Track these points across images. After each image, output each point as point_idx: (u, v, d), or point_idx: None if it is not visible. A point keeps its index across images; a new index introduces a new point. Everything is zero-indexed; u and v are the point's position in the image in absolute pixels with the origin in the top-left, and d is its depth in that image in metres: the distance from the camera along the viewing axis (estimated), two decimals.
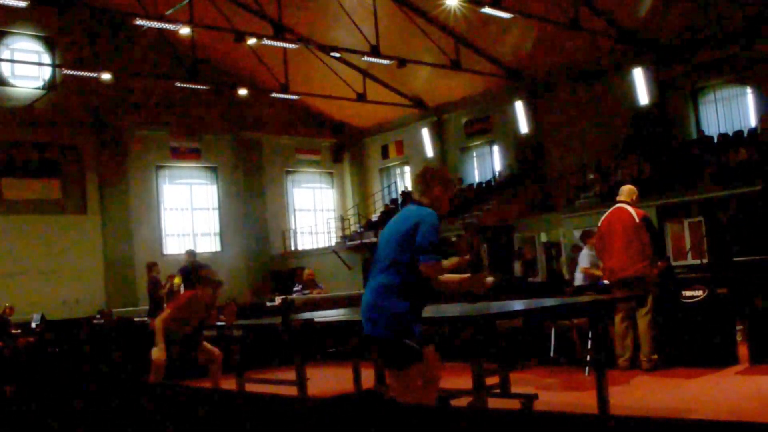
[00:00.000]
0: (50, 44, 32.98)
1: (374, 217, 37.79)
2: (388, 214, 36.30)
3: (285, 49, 29.36)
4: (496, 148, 35.08)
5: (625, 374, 10.22)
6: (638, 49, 27.93)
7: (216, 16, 26.91)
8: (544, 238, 27.89)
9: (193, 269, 16.86)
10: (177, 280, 17.45)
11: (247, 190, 37.93)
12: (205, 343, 10.13)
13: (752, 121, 26.13)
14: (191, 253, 19.19)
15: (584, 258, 13.59)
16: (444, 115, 36.38)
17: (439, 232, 5.84)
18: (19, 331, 20.81)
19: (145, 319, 18.94)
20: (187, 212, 36.82)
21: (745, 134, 25.54)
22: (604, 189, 25.36)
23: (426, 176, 6.21)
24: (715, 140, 25.91)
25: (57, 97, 32.57)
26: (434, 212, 5.90)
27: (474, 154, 36.33)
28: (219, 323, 9.83)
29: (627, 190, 11.17)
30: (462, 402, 7.03)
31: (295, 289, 18.35)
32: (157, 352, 9.65)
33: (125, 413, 4.04)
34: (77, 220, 32.76)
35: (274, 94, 32.76)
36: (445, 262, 6.04)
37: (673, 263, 19.29)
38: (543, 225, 28.01)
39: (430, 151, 36.54)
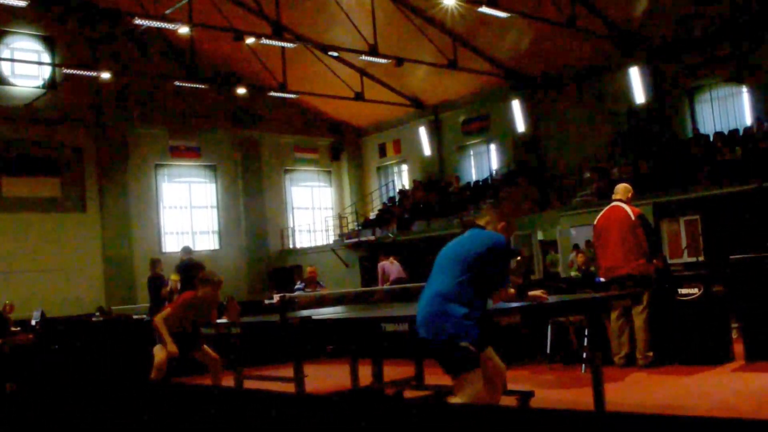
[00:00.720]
0: (50, 43, 32.99)
1: (372, 216, 37.86)
2: (385, 212, 36.38)
3: (283, 48, 29.40)
4: (493, 147, 35.15)
5: (621, 371, 10.25)
6: (634, 48, 28.00)
7: (215, 15, 26.93)
8: (540, 236, 27.94)
9: (191, 267, 16.81)
10: (174, 277, 17.40)
11: (245, 188, 38.00)
12: (205, 346, 10.13)
13: (748, 120, 26.22)
14: (187, 250, 19.12)
15: None
16: (441, 114, 36.46)
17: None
18: (18, 328, 20.86)
19: (144, 316, 18.95)
20: (186, 210, 36.85)
21: (741, 133, 25.60)
22: (600, 187, 25.43)
23: (500, 211, 6.62)
24: (711, 139, 25.97)
25: (57, 96, 32.57)
26: (504, 239, 6.27)
27: (471, 152, 36.37)
28: (220, 320, 9.82)
29: (622, 189, 11.23)
30: None
31: (297, 286, 18.40)
32: (163, 351, 9.67)
33: (123, 410, 4.07)
34: (77, 218, 32.80)
35: (273, 93, 32.78)
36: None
37: (669, 261, 19.33)
38: (539, 223, 28.06)
39: (427, 150, 36.61)
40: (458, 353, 5.72)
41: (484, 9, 24.53)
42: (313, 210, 41.00)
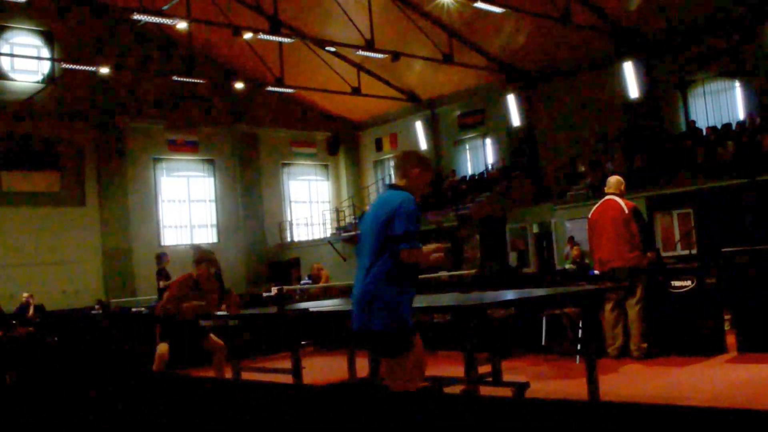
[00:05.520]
0: (49, 39, 32.95)
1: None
2: None
3: (281, 43, 29.48)
4: (488, 141, 35.17)
5: (615, 363, 10.30)
6: (629, 43, 28.06)
7: (213, 11, 26.97)
8: (535, 229, 28.02)
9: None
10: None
11: (243, 182, 37.99)
12: (211, 334, 10.21)
13: (740, 115, 26.30)
14: (196, 248, 19.28)
15: None
16: (437, 108, 36.48)
17: (417, 217, 5.70)
18: (15, 322, 20.95)
19: (143, 309, 19.08)
20: (184, 204, 36.87)
21: (734, 127, 25.68)
22: (594, 181, 25.49)
23: (402, 159, 6.15)
24: (704, 133, 26.06)
25: (56, 90, 32.53)
26: (411, 197, 5.76)
27: (467, 146, 36.42)
28: (221, 313, 9.85)
29: (615, 182, 11.26)
30: (455, 390, 7.17)
31: (303, 281, 18.66)
32: (164, 344, 9.80)
33: (122, 401, 4.12)
34: (76, 212, 32.80)
35: (270, 88, 32.78)
36: (425, 248, 5.87)
37: (663, 254, 19.41)
38: (535, 216, 28.13)
39: (423, 144, 36.58)
40: (393, 339, 5.53)
41: (479, 4, 24.54)
42: (310, 204, 41.04)
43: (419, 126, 36.60)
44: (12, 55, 31.84)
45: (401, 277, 5.62)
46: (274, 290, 18.21)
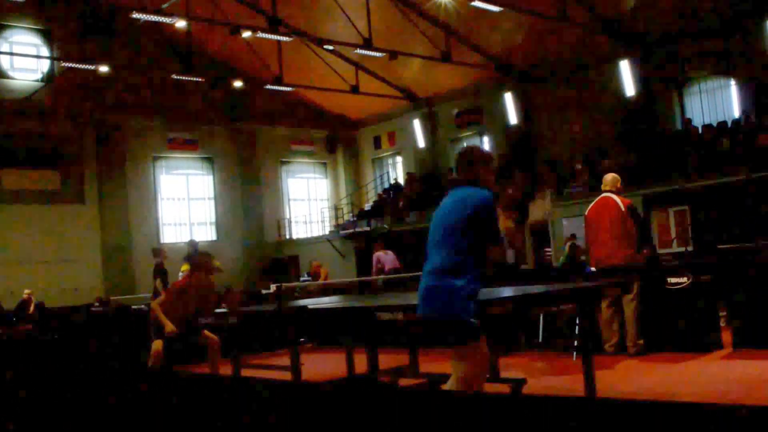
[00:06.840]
0: (48, 37, 32.91)
1: (367, 207, 37.90)
2: (380, 203, 36.43)
3: (279, 42, 29.48)
4: (486, 139, 35.09)
5: (611, 359, 10.34)
6: (625, 41, 28.09)
7: (211, 9, 26.97)
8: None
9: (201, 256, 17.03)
10: (184, 268, 17.60)
11: (242, 180, 37.96)
12: (205, 331, 10.30)
13: (736, 113, 26.31)
14: (192, 243, 19.29)
15: None
16: (435, 106, 36.45)
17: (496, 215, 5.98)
18: (14, 319, 21.02)
19: (143, 306, 19.12)
20: (183, 202, 36.84)
21: (729, 125, 25.71)
22: (591, 178, 25.53)
23: (468, 155, 6.36)
24: (700, 131, 26.08)
25: (55, 89, 32.48)
26: (491, 195, 5.94)
27: (464, 144, 36.32)
28: (220, 310, 9.92)
29: (611, 179, 11.33)
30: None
31: (302, 278, 18.77)
32: (158, 341, 9.89)
33: (121, 399, 4.11)
34: (76, 210, 32.70)
35: (269, 86, 32.76)
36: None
37: (659, 251, 19.45)
38: (532, 214, 28.13)
39: (421, 142, 36.61)
40: (461, 328, 5.61)
41: (476, 3, 24.56)
42: (309, 201, 40.99)
43: (417, 124, 36.60)
44: (11, 54, 31.81)
45: (470, 270, 5.75)
46: (272, 287, 18.28)
